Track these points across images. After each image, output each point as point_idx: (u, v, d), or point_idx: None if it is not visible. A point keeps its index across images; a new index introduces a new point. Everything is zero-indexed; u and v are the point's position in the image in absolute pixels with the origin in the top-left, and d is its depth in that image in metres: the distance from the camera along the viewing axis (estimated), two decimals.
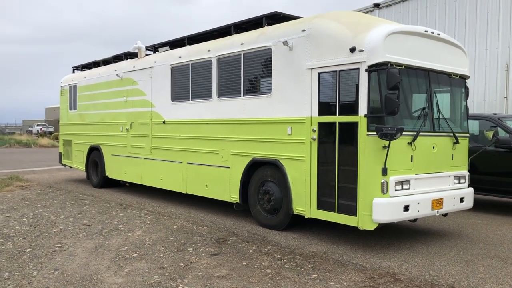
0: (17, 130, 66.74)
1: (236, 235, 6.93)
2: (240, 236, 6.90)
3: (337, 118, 6.24)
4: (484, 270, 5.34)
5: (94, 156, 12.22)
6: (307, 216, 6.64)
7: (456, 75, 6.97)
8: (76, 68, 13.87)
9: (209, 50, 8.40)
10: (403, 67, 6.03)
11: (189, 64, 8.87)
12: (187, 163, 8.89)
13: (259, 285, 4.81)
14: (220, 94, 8.18)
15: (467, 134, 7.23)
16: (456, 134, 6.80)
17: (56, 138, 14.42)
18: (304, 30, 6.70)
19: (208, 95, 8.40)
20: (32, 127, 59.95)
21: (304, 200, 6.66)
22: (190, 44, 9.47)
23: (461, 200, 6.84)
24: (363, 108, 5.88)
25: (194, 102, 8.76)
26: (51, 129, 54.32)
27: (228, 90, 8.06)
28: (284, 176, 6.97)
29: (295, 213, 6.86)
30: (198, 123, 8.65)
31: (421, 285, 4.81)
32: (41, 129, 55.29)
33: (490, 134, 8.05)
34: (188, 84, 8.91)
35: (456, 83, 7.08)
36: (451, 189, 6.71)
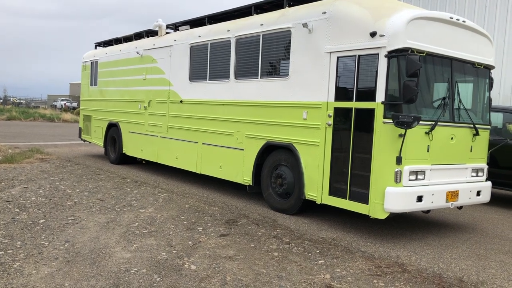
0: (42, 104, 68.10)
1: (246, 217, 6.93)
2: (251, 218, 6.90)
3: (353, 104, 6.12)
4: (496, 266, 5.23)
5: (113, 133, 12.35)
6: (318, 202, 6.59)
7: (480, 64, 6.74)
8: (98, 44, 13.95)
9: (228, 30, 8.32)
10: (424, 54, 5.86)
11: (208, 44, 8.81)
12: (203, 143, 8.90)
13: (264, 268, 4.81)
14: (238, 75, 8.11)
15: (488, 126, 7.02)
16: (477, 126, 6.61)
17: (79, 113, 14.61)
18: (324, 13, 6.55)
19: (226, 76, 8.34)
20: (56, 101, 61.05)
21: (316, 185, 6.60)
22: (210, 23, 9.40)
23: (478, 193, 6.68)
24: (380, 95, 5.75)
25: (212, 83, 8.72)
26: (74, 104, 55.23)
27: (245, 71, 7.98)
28: (298, 161, 6.91)
29: (306, 198, 6.82)
30: (214, 104, 8.62)
31: (429, 277, 4.74)
32: (65, 104, 56.24)
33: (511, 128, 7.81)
34: (206, 64, 8.87)
35: (480, 73, 6.85)
36: (467, 182, 6.55)
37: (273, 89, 7.38)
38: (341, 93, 6.35)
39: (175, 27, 10.71)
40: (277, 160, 7.38)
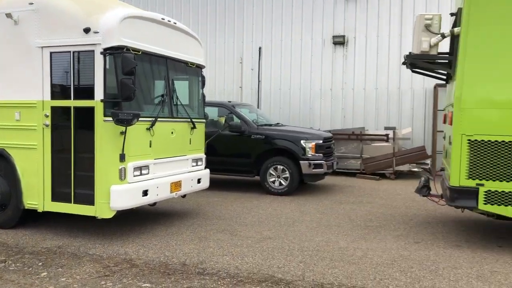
0: None
1: None
2: None
3: (72, 103, 5.84)
4: (214, 244, 5.86)
5: None
6: (40, 210, 6.06)
7: (192, 64, 7.37)
8: None
9: None
10: (140, 53, 6.02)
11: None
12: None
13: None
14: None
15: (204, 120, 7.77)
16: (194, 120, 7.22)
17: None
18: (32, 4, 6.01)
19: None
20: None
21: (36, 192, 6.05)
22: None
23: (198, 181, 7.34)
24: (99, 93, 5.65)
25: None
26: None
27: None
28: (13, 167, 6.18)
29: (26, 207, 6.18)
30: None
31: (155, 267, 4.96)
32: None
33: (222, 120, 8.87)
34: None
35: (193, 71, 7.50)
36: (189, 172, 7.12)
37: None
38: (58, 91, 5.99)
39: None
40: None
